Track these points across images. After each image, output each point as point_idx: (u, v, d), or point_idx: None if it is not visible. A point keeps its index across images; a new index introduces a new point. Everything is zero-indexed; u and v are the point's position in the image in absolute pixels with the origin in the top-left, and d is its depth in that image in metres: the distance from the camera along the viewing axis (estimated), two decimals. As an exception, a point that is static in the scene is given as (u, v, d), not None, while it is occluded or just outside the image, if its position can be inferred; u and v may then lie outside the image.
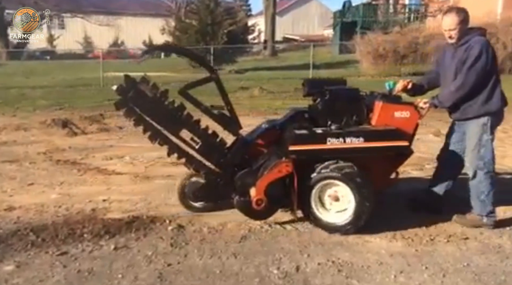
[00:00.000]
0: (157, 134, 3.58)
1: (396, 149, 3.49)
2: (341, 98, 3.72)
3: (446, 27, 3.59)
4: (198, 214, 4.01)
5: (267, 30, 30.37)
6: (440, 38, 16.64)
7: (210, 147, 3.72)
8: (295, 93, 13.12)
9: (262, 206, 3.51)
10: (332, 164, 3.45)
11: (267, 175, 3.49)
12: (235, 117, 3.76)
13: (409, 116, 3.57)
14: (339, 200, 3.51)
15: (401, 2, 30.28)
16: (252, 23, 29.88)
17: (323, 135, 3.47)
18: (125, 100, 3.46)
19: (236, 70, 21.02)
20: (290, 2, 49.13)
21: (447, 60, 3.69)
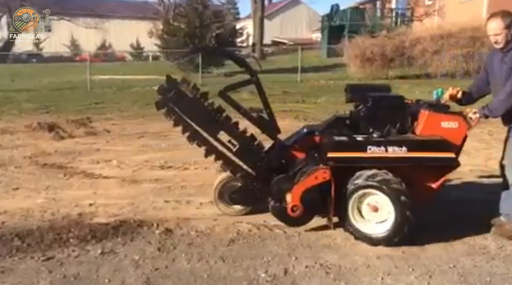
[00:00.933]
0: (195, 135, 3.57)
1: (442, 161, 3.33)
2: (384, 106, 3.60)
3: (491, 32, 3.45)
4: (186, 217, 4.00)
5: (256, 34, 30.44)
6: (426, 42, 16.90)
7: (248, 150, 3.68)
8: (284, 96, 13.17)
9: (297, 213, 3.45)
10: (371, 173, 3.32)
11: (303, 181, 3.42)
12: (273, 121, 3.71)
13: (457, 127, 3.39)
14: (378, 210, 3.37)
15: (388, 6, 30.59)
16: (240, 26, 29.92)
17: (363, 143, 3.36)
18: (165, 100, 3.47)
19: (225, 73, 20.99)
20: (278, 6, 49.32)
21: (496, 66, 3.54)
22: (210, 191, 4.75)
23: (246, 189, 3.76)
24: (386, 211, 3.32)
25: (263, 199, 3.70)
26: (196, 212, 4.19)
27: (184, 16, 22.86)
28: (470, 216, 3.87)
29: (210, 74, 20.05)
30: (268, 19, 44.04)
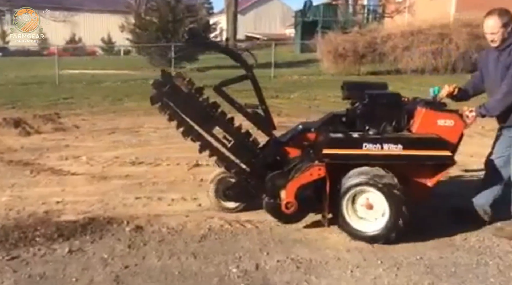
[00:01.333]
0: (190, 131, 3.53)
1: (437, 159, 3.32)
2: (381, 103, 3.58)
3: (488, 30, 3.43)
4: (157, 214, 3.95)
5: (229, 29, 30.21)
6: (396, 39, 17.18)
7: (242, 146, 3.65)
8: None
9: (291, 210, 3.41)
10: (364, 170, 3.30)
11: (298, 178, 3.40)
12: (269, 117, 3.69)
13: (454, 125, 3.39)
14: (373, 208, 3.33)
15: (360, 3, 30.95)
16: (214, 21, 29.75)
17: (359, 140, 3.35)
18: (160, 94, 3.43)
19: (198, 69, 20.84)
20: (252, 1, 49.19)
21: (491, 65, 3.53)
22: (182, 187, 4.75)
23: (240, 185, 3.73)
24: (381, 207, 3.28)
25: (258, 196, 3.68)
26: (167, 209, 4.14)
27: (156, 10, 22.53)
28: (439, 209, 3.95)
29: (183, 69, 19.84)
30: (242, 14, 43.84)
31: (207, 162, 5.59)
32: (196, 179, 5.00)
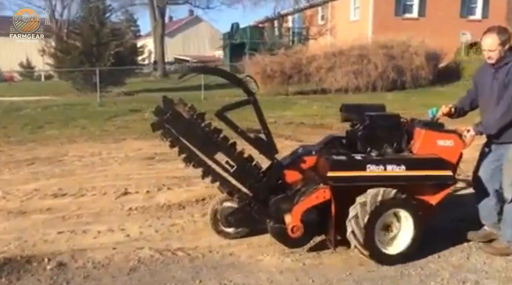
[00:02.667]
0: (192, 157, 3.47)
1: (439, 179, 3.37)
2: (382, 125, 3.62)
3: (486, 47, 3.44)
4: (82, 248, 3.74)
5: (157, 51, 29.97)
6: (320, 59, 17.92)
7: (245, 171, 3.60)
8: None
9: (297, 233, 3.36)
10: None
11: (304, 201, 3.36)
12: (271, 141, 3.65)
13: (453, 145, 3.46)
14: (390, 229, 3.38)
15: (285, 25, 32.01)
16: (141, 44, 29.30)
17: (362, 162, 3.34)
18: (161, 121, 3.38)
19: (126, 92, 20.32)
20: (179, 23, 49.19)
21: (487, 82, 3.56)
22: (109, 217, 4.55)
23: (242, 210, 3.65)
24: (398, 228, 3.35)
25: (261, 220, 3.63)
26: (93, 242, 3.93)
27: (79, 33, 21.78)
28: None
29: (109, 93, 19.28)
30: (170, 37, 43.66)
31: (136, 190, 5.44)
32: (125, 208, 4.82)
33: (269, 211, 3.54)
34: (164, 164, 6.91)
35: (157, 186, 5.58)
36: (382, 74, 17.35)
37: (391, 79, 17.57)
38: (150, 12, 30.15)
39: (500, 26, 3.53)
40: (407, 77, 17.70)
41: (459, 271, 3.26)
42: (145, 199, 5.15)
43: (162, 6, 29.18)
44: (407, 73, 17.68)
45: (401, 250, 3.36)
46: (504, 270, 3.27)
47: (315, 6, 29.62)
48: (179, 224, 4.31)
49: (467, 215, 4.07)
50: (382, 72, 17.33)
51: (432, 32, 19.06)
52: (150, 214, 4.62)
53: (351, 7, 26.15)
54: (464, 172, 4.71)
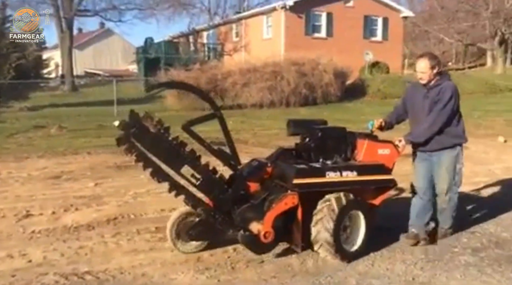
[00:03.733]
0: (158, 172, 3.44)
1: (385, 182, 3.88)
2: (332, 136, 4.00)
3: (419, 69, 3.99)
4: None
5: (65, 64, 28.51)
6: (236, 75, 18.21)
7: (211, 183, 3.64)
8: (100, 130, 12.53)
9: (269, 239, 3.52)
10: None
11: (275, 208, 3.55)
12: (234, 154, 3.81)
13: (390, 153, 3.96)
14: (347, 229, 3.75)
15: (200, 41, 32.12)
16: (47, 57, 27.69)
17: (322, 169, 3.71)
18: (127, 136, 3.32)
19: (29, 107, 19.01)
20: (89, 36, 47.20)
21: (418, 99, 4.06)
22: (8, 242, 4.21)
23: (205, 223, 3.68)
24: (354, 228, 3.79)
25: (224, 231, 3.70)
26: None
27: (-26, 44, 20.03)
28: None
29: (11, 108, 17.91)
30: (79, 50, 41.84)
31: (40, 211, 5.08)
32: (26, 232, 4.47)
33: (234, 221, 3.64)
34: (71, 183, 6.54)
35: (63, 207, 5.25)
36: (294, 90, 18.05)
37: (303, 95, 18.34)
38: (56, 24, 28.67)
39: (431, 53, 4.27)
40: (318, 93, 18.59)
41: (364, 277, 3.44)
42: (50, 221, 4.82)
43: (69, 17, 27.90)
44: (318, 89, 18.57)
45: (357, 247, 3.80)
46: (404, 274, 3.51)
47: (229, 23, 30.16)
48: (88, 246, 4.09)
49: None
50: (295, 88, 18.04)
51: (339, 51, 20.33)
52: (55, 237, 4.34)
53: (264, 25, 27.02)
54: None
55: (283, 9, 25.14)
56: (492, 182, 6.43)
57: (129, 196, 5.77)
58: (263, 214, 3.59)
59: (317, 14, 26.31)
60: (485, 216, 4.87)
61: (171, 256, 3.82)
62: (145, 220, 4.85)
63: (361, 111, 15.73)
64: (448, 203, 4.14)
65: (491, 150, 8.91)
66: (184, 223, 3.83)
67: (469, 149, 8.61)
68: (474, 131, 11.00)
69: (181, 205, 3.80)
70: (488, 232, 4.40)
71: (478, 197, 5.57)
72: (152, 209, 5.17)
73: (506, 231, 4.41)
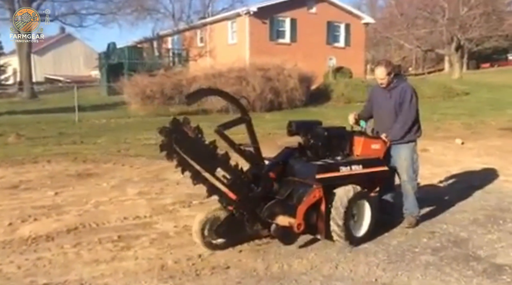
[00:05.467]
0: (196, 175, 3.63)
1: (383, 173, 4.43)
2: (336, 135, 4.45)
3: (377, 76, 4.64)
4: None
5: (23, 70, 27.61)
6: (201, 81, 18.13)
7: (241, 183, 3.89)
8: (60, 138, 12.17)
9: (301, 230, 3.89)
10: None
11: (305, 201, 3.90)
12: (260, 155, 4.07)
13: (380, 147, 4.54)
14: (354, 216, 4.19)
15: (164, 47, 31.84)
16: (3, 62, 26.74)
17: (337, 165, 4.15)
18: (169, 142, 3.48)
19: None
20: (50, 41, 45.88)
21: (381, 100, 4.71)
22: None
23: (230, 221, 3.94)
24: (360, 216, 4.22)
25: (251, 227, 3.97)
26: None
27: None
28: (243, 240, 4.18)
29: None
30: (39, 55, 40.72)
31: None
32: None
33: (261, 217, 3.92)
34: (30, 192, 6.31)
35: (21, 217, 5.06)
36: (260, 95, 18.12)
37: (269, 100, 18.44)
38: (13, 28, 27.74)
39: (386, 60, 4.99)
40: (283, 98, 18.73)
41: (329, 280, 3.48)
42: (6, 232, 4.63)
43: (28, 22, 27.04)
44: (283, 94, 18.72)
45: (364, 232, 4.23)
46: (367, 275, 3.57)
47: (194, 29, 30.06)
48: (47, 258, 3.95)
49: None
50: (260, 93, 18.11)
51: (303, 57, 20.57)
52: (12, 249, 4.17)
53: (229, 31, 27.10)
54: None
55: (247, 14, 25.32)
56: (450, 183, 6.65)
57: (91, 204, 5.62)
58: (292, 208, 3.91)
59: (281, 20, 26.64)
60: (444, 217, 5.03)
61: (134, 265, 3.74)
62: (107, 229, 4.73)
63: (326, 116, 15.94)
64: (410, 191, 4.66)
65: (449, 152, 9.20)
66: (212, 221, 3.98)
67: (428, 151, 8.91)
68: (433, 134, 11.37)
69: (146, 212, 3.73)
70: (447, 232, 4.55)
71: (438, 198, 5.74)
72: (115, 217, 5.05)
73: (463, 230, 4.58)
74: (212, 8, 37.86)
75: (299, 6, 26.76)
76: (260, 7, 25.46)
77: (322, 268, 3.69)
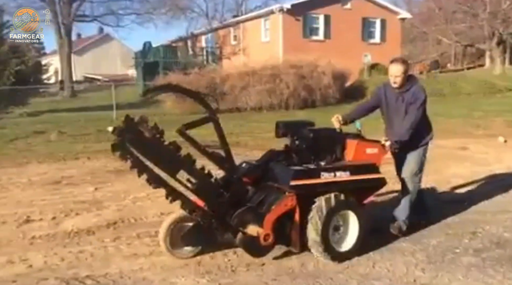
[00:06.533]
0: (153, 177, 3.31)
1: (376, 181, 3.91)
2: (324, 137, 4.02)
3: (392, 73, 4.20)
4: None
5: (64, 70, 28.55)
6: (234, 79, 18.24)
7: (207, 187, 3.57)
8: (99, 135, 12.52)
9: (269, 241, 3.52)
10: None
11: (274, 210, 3.53)
12: (230, 157, 3.75)
13: (377, 152, 4.06)
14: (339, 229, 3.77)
15: (198, 45, 32.18)
16: (46, 62, 27.71)
17: (317, 170, 3.70)
18: (122, 142, 3.19)
19: (29, 113, 19.03)
20: (88, 41, 47.33)
21: (391, 101, 4.32)
22: (8, 248, 4.19)
23: (198, 228, 3.65)
24: (346, 228, 3.79)
25: (220, 235, 3.68)
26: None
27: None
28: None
29: (10, 114, 17.93)
30: (78, 55, 41.95)
31: (40, 217, 5.07)
32: (27, 237, 4.46)
33: (230, 224, 3.56)
34: (72, 187, 6.53)
35: (64, 212, 5.24)
36: (293, 93, 18.07)
37: (302, 97, 18.36)
38: (55, 29, 28.72)
39: (403, 58, 4.47)
40: (317, 96, 18.60)
41: (366, 279, 3.44)
42: (50, 226, 4.81)
43: (68, 23, 27.97)
44: (317, 92, 18.59)
45: (350, 247, 3.78)
46: (405, 275, 3.51)
47: (228, 27, 30.22)
48: (88, 251, 4.08)
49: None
50: (294, 91, 18.06)
51: (338, 54, 20.33)
52: (55, 242, 4.33)
53: (262, 29, 27.08)
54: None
55: (281, 12, 25.21)
56: (492, 183, 6.43)
57: (129, 200, 5.77)
58: (261, 216, 3.54)
59: (315, 17, 26.39)
60: (486, 217, 4.87)
61: (171, 260, 3.80)
62: (145, 223, 4.84)
63: (360, 113, 15.74)
64: (407, 192, 4.32)
65: (490, 150, 8.89)
66: (178, 229, 3.75)
67: (468, 150, 8.65)
68: (473, 131, 11.02)
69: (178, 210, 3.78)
70: (489, 232, 4.40)
71: (479, 198, 5.56)
72: (152, 213, 5.16)
73: (507, 231, 4.42)
74: (245, 6, 38.01)
75: (333, 2, 26.44)
76: (294, 4, 25.30)
77: (358, 267, 3.64)
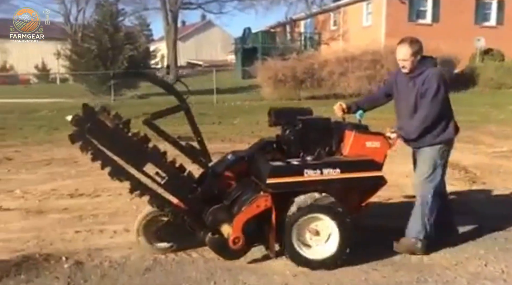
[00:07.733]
0: (117, 170, 3.17)
1: (373, 180, 3.40)
2: (315, 128, 3.57)
3: (399, 57, 3.59)
4: (98, 247, 3.79)
5: (170, 55, 30.23)
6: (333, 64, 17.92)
7: (178, 182, 3.36)
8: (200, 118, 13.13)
9: (239, 245, 3.21)
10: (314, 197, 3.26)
11: (245, 211, 3.20)
12: (204, 149, 3.52)
13: (380, 146, 3.49)
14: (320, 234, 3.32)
15: (297, 31, 32.07)
16: (154, 48, 29.57)
17: (300, 167, 3.29)
18: (81, 132, 3.06)
19: (139, 96, 20.54)
20: (192, 28, 49.52)
21: (403, 89, 3.68)
22: (124, 218, 4.60)
23: (172, 224, 3.44)
24: (327, 233, 3.32)
25: (194, 233, 3.43)
26: (109, 242, 3.98)
27: (93, 37, 22.08)
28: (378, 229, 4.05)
29: (123, 96, 19.48)
30: (182, 41, 43.98)
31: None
32: (139, 209, 4.82)
33: (204, 223, 3.33)
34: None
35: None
36: (396, 80, 17.28)
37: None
38: (163, 17, 30.45)
39: (413, 38, 3.63)
40: (420, 83, 17.59)
41: (477, 278, 3.23)
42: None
43: (175, 10, 29.45)
44: (420, 79, 17.58)
45: (328, 256, 3.32)
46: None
47: (327, 12, 29.64)
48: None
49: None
50: (395, 77, 17.26)
51: (446, 38, 18.98)
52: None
53: (364, 13, 26.13)
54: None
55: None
56: None
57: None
58: (233, 217, 3.24)
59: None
60: None
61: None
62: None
63: (469, 102, 14.61)
64: (419, 202, 3.60)
65: None
66: (153, 222, 3.56)
67: None
68: None
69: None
70: None
71: None
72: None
73: None
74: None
75: (444, -17, 24.67)
76: (399, -14, 24.05)
77: (468, 265, 3.43)
